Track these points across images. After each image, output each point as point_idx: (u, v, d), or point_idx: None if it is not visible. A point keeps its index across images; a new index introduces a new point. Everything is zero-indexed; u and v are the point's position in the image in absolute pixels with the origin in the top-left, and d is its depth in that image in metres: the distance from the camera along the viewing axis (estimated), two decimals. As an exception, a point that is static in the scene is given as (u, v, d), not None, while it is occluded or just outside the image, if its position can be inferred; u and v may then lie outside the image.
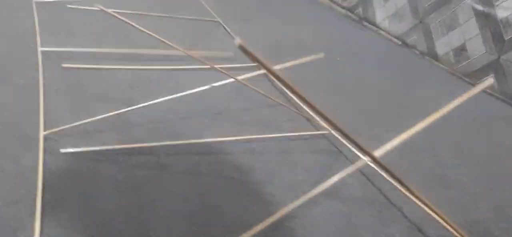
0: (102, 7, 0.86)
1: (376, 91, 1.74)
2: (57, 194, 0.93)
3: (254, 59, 0.42)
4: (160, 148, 1.14)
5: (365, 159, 1.02)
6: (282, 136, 1.29)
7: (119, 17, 0.91)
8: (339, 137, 1.31)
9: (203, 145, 1.18)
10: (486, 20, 1.90)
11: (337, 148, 1.28)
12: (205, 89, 1.47)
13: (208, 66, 1.16)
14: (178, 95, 1.21)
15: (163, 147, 1.14)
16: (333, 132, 1.33)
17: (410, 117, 1.57)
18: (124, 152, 1.10)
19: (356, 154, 1.25)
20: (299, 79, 1.71)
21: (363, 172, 1.18)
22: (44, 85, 1.32)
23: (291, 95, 1.52)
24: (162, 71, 1.54)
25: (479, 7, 1.92)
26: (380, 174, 1.15)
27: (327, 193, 1.06)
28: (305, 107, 1.45)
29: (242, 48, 0.40)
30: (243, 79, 1.23)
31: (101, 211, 0.91)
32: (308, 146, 1.27)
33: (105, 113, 1.24)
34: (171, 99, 1.38)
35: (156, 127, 1.23)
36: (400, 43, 2.32)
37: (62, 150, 1.06)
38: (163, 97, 1.38)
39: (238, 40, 0.39)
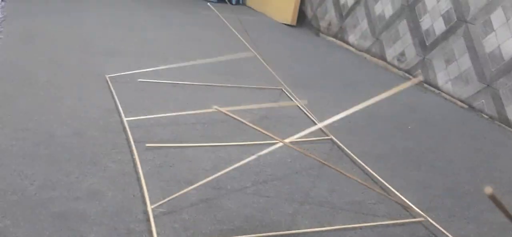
0: (217, 107, 0.86)
1: (459, 163, 1.67)
2: None
3: (506, 213, 0.39)
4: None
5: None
6: (376, 224, 1.24)
7: (231, 114, 0.90)
8: (437, 225, 1.25)
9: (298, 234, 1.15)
10: None
11: (435, 235, 1.22)
12: (285, 166, 1.46)
13: (288, 146, 1.15)
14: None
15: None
16: (429, 219, 1.26)
17: (503, 193, 1.50)
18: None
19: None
20: (376, 153, 1.70)
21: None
22: (134, 169, 1.33)
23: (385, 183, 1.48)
24: (241, 151, 1.53)
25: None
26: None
27: None
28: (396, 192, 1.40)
29: (492, 198, 0.38)
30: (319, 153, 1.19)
31: None
32: (405, 233, 1.22)
33: (198, 199, 1.23)
34: (256, 181, 1.37)
35: (249, 214, 1.21)
36: (466, 106, 2.27)
37: None
38: (248, 179, 1.37)
39: (489, 189, 0.36)
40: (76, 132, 1.50)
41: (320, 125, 1.16)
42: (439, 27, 2.41)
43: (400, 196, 1.36)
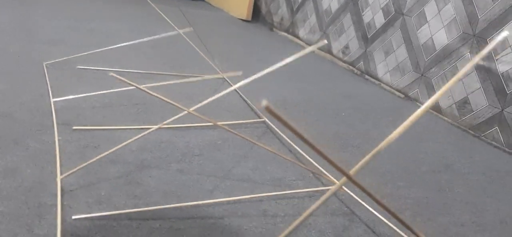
0: (114, 74, 0.89)
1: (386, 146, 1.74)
2: (72, 264, 0.93)
3: (282, 121, 0.43)
4: (173, 212, 1.13)
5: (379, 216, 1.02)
6: (292, 194, 1.29)
7: (129, 81, 0.93)
8: (353, 195, 1.31)
9: (215, 208, 1.18)
10: (487, 74, 1.95)
11: (349, 208, 1.28)
12: (214, 148, 1.50)
13: (214, 124, 1.18)
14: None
15: (176, 211, 1.14)
16: (345, 189, 1.33)
17: (421, 172, 1.58)
18: (138, 217, 1.10)
19: (369, 213, 1.24)
20: (306, 136, 1.76)
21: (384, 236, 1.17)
22: (61, 148, 1.33)
23: (302, 152, 1.53)
24: (172, 134, 1.55)
25: (480, 61, 1.97)
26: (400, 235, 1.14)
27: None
28: (317, 165, 1.46)
29: (268, 110, 0.42)
30: (250, 136, 1.24)
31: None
32: (321, 206, 1.27)
33: (118, 177, 1.25)
34: (182, 160, 1.40)
35: (168, 189, 1.23)
36: (402, 96, 2.36)
37: (74, 217, 1.06)
38: (174, 158, 1.40)
39: (264, 102, 0.41)
40: (2, 114, 1.49)
41: (235, 86, 1.20)
42: (379, 20, 2.51)
43: (315, 163, 1.42)
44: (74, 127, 1.47)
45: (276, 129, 1.69)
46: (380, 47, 2.50)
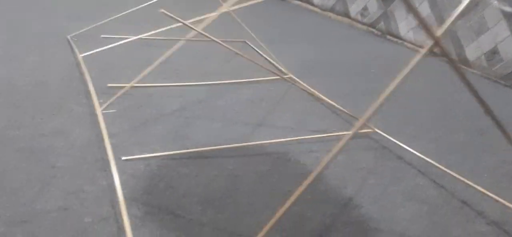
0: (164, 11, 0.88)
1: (418, 97, 1.74)
2: (142, 208, 0.93)
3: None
4: (228, 161, 1.13)
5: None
6: (332, 137, 1.28)
7: (177, 18, 0.92)
8: (385, 135, 1.30)
9: (266, 157, 1.18)
10: (516, 22, 1.92)
11: (382, 145, 1.27)
12: (252, 105, 1.50)
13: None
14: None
15: (230, 160, 1.14)
16: (377, 130, 1.32)
17: (460, 119, 1.57)
18: (195, 167, 1.09)
19: (403, 150, 1.24)
20: (341, 91, 1.75)
21: (435, 178, 1.17)
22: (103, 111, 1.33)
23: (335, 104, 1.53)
24: (209, 95, 1.54)
25: (507, 9, 1.95)
26: (452, 176, 1.13)
27: (404, 195, 1.05)
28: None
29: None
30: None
31: (191, 224, 0.90)
32: (357, 145, 1.26)
33: (166, 133, 1.25)
34: (223, 116, 1.40)
35: (216, 141, 1.23)
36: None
37: (124, 158, 1.08)
38: (216, 115, 1.40)
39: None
40: (39, 82, 1.48)
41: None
42: (399, -22, 2.47)
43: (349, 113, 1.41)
44: (109, 85, 1.46)
45: (302, 83, 1.68)
46: (401, 5, 2.47)
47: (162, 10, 0.87)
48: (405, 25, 2.47)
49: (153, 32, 1.78)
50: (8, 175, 1.01)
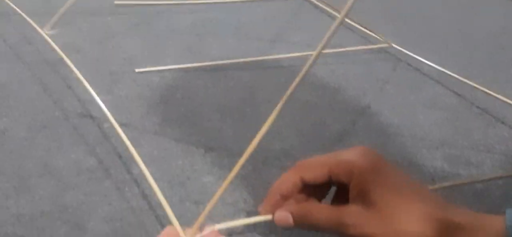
0: None
1: (437, 16, 1.69)
2: (161, 116, 0.92)
3: None
4: (242, 73, 1.12)
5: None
6: (350, 52, 1.26)
7: None
8: (402, 49, 1.28)
9: (281, 70, 1.16)
10: None
11: (399, 58, 1.25)
12: (265, 21, 1.46)
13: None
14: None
15: (245, 72, 1.12)
16: (394, 45, 1.29)
17: (480, 38, 1.53)
18: (210, 79, 1.08)
19: (420, 63, 1.22)
20: (355, 9, 1.68)
21: (454, 87, 1.15)
22: (109, 27, 1.30)
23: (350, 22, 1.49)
24: (221, 12, 1.50)
25: None
26: (472, 86, 1.11)
27: (424, 103, 1.04)
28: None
29: None
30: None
31: (211, 130, 0.90)
32: (374, 58, 1.24)
33: (179, 48, 1.23)
34: (237, 32, 1.37)
35: (231, 54, 1.20)
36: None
37: (137, 70, 1.07)
38: (229, 31, 1.36)
39: None
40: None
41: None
42: None
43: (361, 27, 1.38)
44: (116, 2, 1.42)
45: (315, 1, 1.63)
46: None
47: None
48: None
49: None
50: (23, 86, 1.00)
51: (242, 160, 0.53)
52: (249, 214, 0.71)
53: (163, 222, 0.68)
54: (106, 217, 0.68)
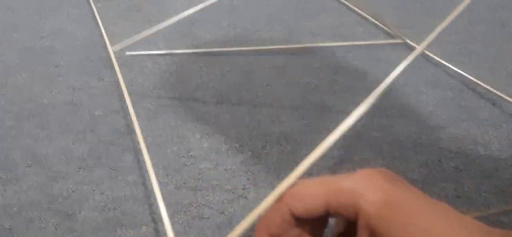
0: None
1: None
2: (154, 102, 0.89)
3: None
4: (238, 58, 1.08)
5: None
6: (362, 45, 1.22)
7: None
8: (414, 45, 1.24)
9: (281, 49, 1.12)
10: None
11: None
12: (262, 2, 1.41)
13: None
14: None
15: (241, 56, 1.08)
16: (408, 41, 1.26)
17: (480, 12, 1.49)
18: (205, 64, 1.04)
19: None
20: None
21: (457, 66, 1.12)
22: (103, 13, 1.25)
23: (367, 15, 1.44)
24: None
25: None
26: (476, 64, 1.08)
27: (427, 83, 1.01)
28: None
29: None
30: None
31: (207, 115, 0.86)
32: (387, 50, 1.21)
33: (170, 32, 1.18)
34: (231, 16, 1.32)
35: (225, 39, 1.17)
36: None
37: (128, 53, 1.03)
38: (223, 15, 1.32)
39: None
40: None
41: None
42: None
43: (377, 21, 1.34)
44: None
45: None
46: None
47: None
48: None
49: None
50: (11, 74, 0.95)
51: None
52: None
53: (156, 211, 0.64)
54: (98, 207, 0.64)
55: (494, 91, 0.97)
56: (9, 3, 1.27)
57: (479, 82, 1.00)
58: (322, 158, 0.68)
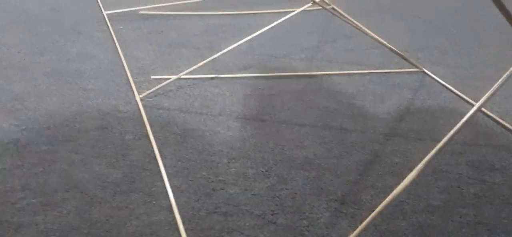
0: None
1: (446, 14, 1.68)
2: (181, 126, 0.92)
3: None
4: (260, 82, 1.11)
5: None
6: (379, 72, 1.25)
7: None
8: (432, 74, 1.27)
9: (300, 73, 1.16)
10: None
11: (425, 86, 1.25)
12: (279, 29, 1.44)
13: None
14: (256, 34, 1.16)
15: (262, 81, 1.12)
16: (424, 70, 1.28)
17: (483, 35, 1.51)
18: (228, 87, 1.07)
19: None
20: (363, 8, 1.65)
21: (471, 91, 1.14)
22: (125, 36, 1.29)
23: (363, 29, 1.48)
24: (232, 19, 1.49)
25: None
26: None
27: (443, 108, 1.03)
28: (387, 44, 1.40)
29: None
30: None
31: (232, 139, 0.89)
32: (403, 74, 1.24)
33: (192, 56, 1.22)
34: (250, 40, 1.36)
35: (246, 63, 1.20)
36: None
37: (153, 77, 1.06)
38: (240, 38, 1.35)
39: None
40: (52, 8, 1.43)
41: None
42: None
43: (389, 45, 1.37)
44: (141, 12, 1.42)
45: (341, 12, 1.62)
46: None
47: None
48: None
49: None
50: (42, 98, 0.99)
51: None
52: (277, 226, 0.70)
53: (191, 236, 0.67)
54: (135, 232, 0.67)
55: (510, 116, 0.99)
56: (33, 26, 1.31)
57: (494, 110, 1.03)
58: (347, 182, 0.69)
